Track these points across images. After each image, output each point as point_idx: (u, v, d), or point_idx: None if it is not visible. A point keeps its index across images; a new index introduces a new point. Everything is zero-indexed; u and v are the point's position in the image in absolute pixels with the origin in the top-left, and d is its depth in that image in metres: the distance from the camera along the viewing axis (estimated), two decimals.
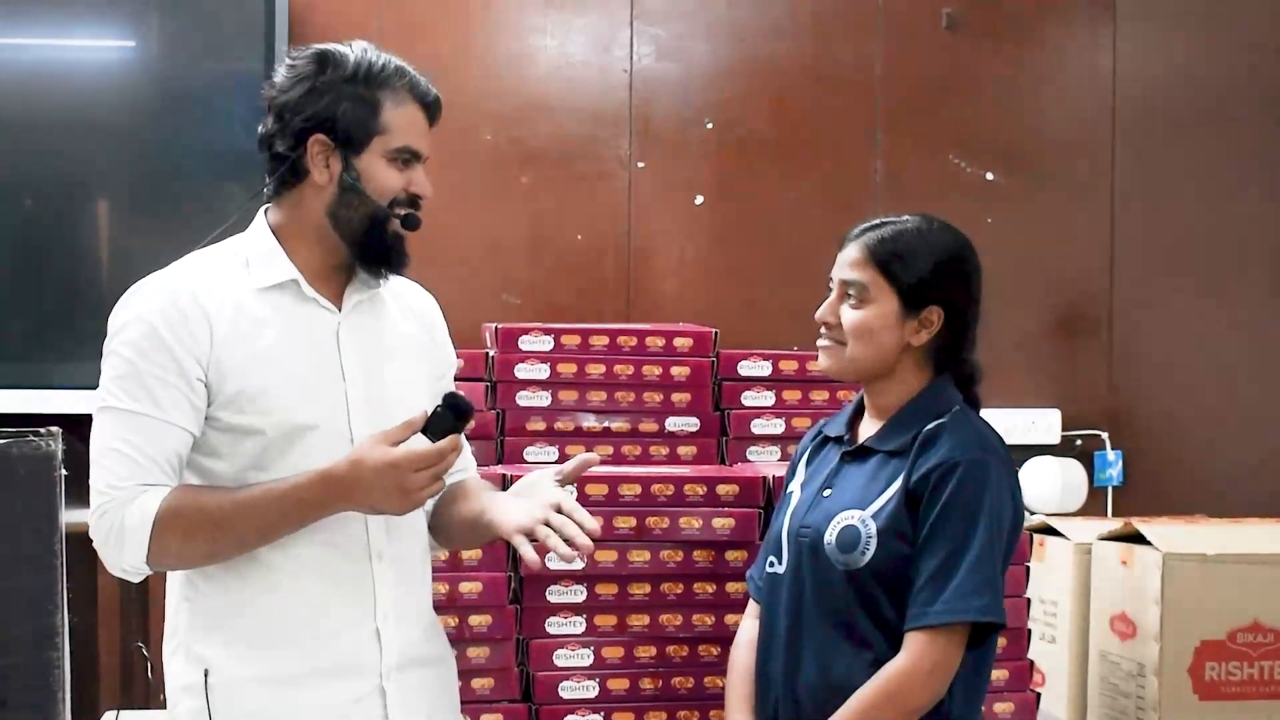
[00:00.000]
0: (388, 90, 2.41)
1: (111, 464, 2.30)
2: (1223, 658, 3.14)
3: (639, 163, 4.54)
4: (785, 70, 4.62)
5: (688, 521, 3.13)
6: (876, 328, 2.59)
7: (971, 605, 2.44)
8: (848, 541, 2.53)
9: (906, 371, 2.62)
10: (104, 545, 2.30)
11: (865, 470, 2.60)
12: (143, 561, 2.29)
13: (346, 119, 2.38)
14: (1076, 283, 4.74)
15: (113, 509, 2.28)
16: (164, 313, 2.32)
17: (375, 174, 2.41)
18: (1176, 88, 4.80)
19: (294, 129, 2.39)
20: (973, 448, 2.51)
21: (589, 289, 4.51)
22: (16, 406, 4.01)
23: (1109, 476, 4.68)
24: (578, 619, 3.12)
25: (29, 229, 4.23)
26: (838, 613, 2.55)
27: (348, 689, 2.39)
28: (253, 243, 2.44)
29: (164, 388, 2.30)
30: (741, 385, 3.50)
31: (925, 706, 2.48)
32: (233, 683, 2.35)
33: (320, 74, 2.40)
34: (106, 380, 2.34)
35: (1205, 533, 3.43)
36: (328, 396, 2.39)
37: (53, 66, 4.28)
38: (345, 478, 2.27)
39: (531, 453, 3.37)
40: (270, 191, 2.45)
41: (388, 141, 2.41)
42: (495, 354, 3.41)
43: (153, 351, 2.31)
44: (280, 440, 2.34)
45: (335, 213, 2.41)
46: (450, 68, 4.40)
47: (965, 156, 4.66)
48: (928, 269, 2.58)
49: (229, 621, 2.36)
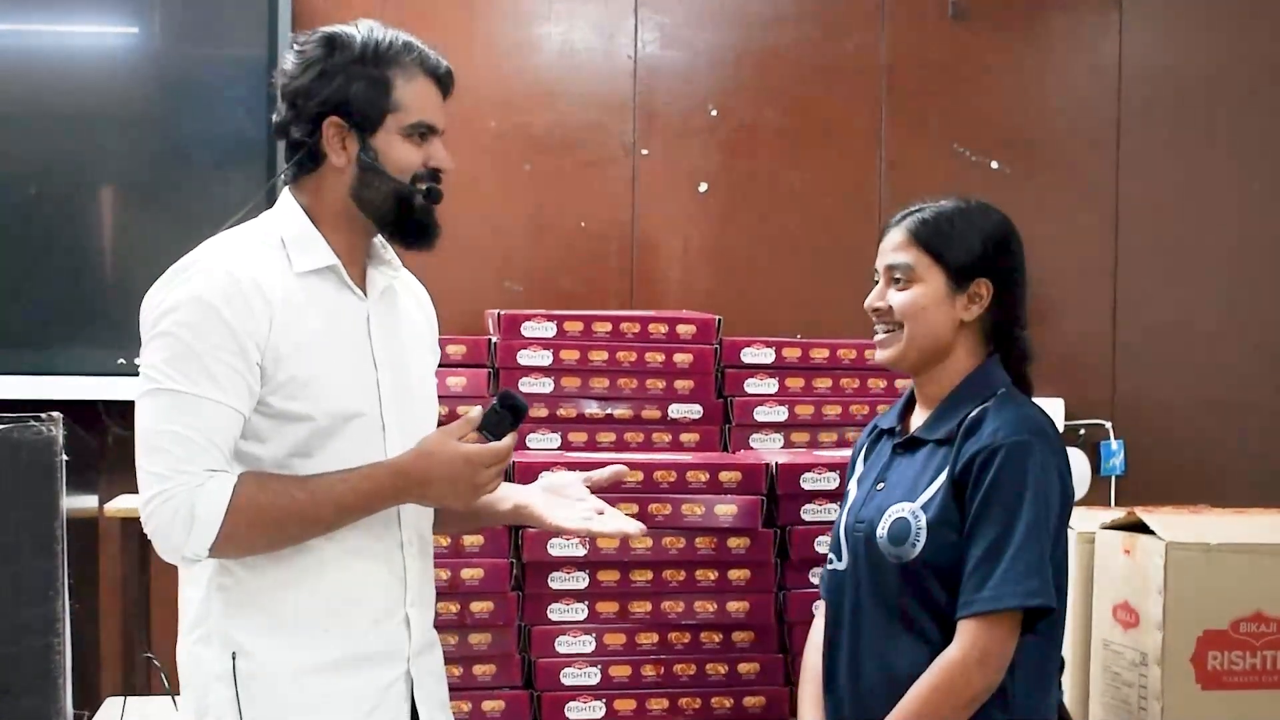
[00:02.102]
0: (397, 67, 2.41)
1: (173, 447, 2.23)
2: (1225, 647, 3.14)
3: (643, 150, 4.54)
4: (790, 58, 4.61)
5: (690, 508, 3.13)
6: (928, 304, 2.59)
7: (1018, 590, 2.42)
8: (899, 534, 2.53)
9: (962, 350, 2.61)
10: (167, 530, 2.23)
11: (915, 461, 2.60)
12: (207, 548, 2.24)
13: (359, 99, 2.37)
14: (1080, 272, 4.73)
15: (181, 493, 2.22)
16: (226, 293, 2.27)
17: (393, 151, 2.40)
18: (1182, 77, 4.79)
19: (308, 114, 2.38)
20: (1015, 430, 2.49)
21: (592, 276, 4.50)
22: (21, 392, 4.02)
23: (1112, 466, 4.68)
24: (580, 605, 3.12)
25: (33, 216, 4.23)
26: (894, 607, 2.55)
27: (381, 676, 2.39)
28: (286, 225, 2.40)
29: (224, 369, 2.26)
30: (744, 372, 3.50)
31: (980, 696, 2.46)
32: (267, 671, 2.33)
33: (329, 57, 2.39)
34: (158, 362, 2.26)
35: (1208, 522, 3.42)
36: (367, 384, 2.39)
37: (56, 53, 4.29)
38: (415, 471, 2.30)
39: (534, 439, 3.37)
40: (290, 177, 2.44)
41: (402, 118, 2.40)
42: (498, 340, 3.41)
43: (213, 333, 2.26)
44: (327, 427, 2.33)
45: (358, 194, 2.40)
46: (454, 55, 4.32)
47: (970, 145, 4.65)
48: (972, 242, 2.59)
49: (271, 607, 2.34)
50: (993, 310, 2.60)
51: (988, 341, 2.63)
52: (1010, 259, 2.63)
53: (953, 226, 2.60)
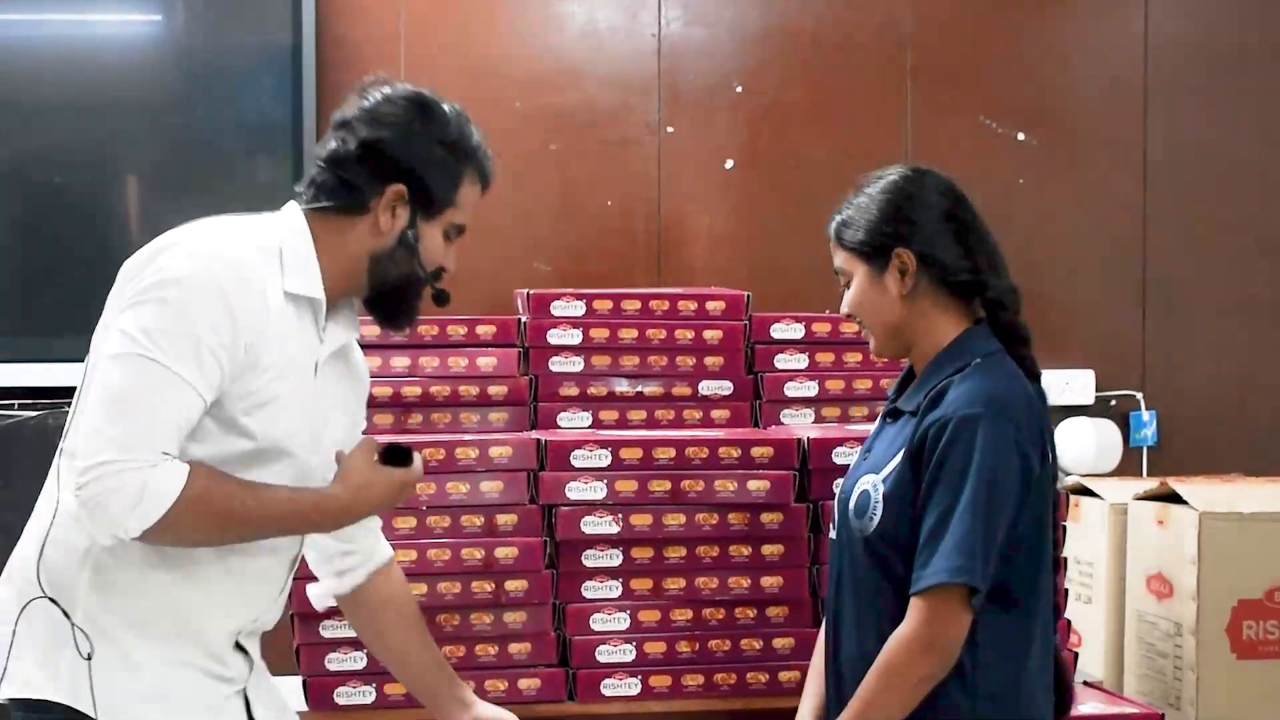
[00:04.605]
0: (469, 166, 2.41)
1: (140, 419, 2.17)
2: (1260, 616, 3.14)
3: (668, 128, 4.53)
4: (814, 33, 4.59)
5: (723, 484, 3.14)
6: (863, 298, 2.57)
7: (944, 568, 2.36)
8: (861, 506, 2.52)
9: (928, 323, 2.55)
10: (107, 499, 2.15)
11: (890, 432, 2.58)
12: (143, 528, 2.17)
13: (432, 182, 2.37)
14: (1110, 242, 4.71)
15: (133, 468, 2.15)
16: (238, 285, 2.23)
17: (431, 241, 2.40)
18: (1209, 45, 4.75)
19: (378, 169, 2.36)
20: (969, 403, 2.42)
21: (620, 255, 4.50)
22: (48, 379, 4.04)
23: (1144, 437, 4.66)
24: (614, 583, 3.12)
25: (58, 204, 4.24)
26: (863, 580, 2.53)
27: (221, 689, 2.39)
28: (289, 239, 2.35)
29: (212, 360, 2.21)
30: (774, 348, 3.50)
31: (931, 674, 2.41)
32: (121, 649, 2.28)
33: (421, 125, 2.37)
34: (151, 327, 2.20)
35: (1241, 492, 3.42)
36: (305, 428, 2.38)
37: (80, 41, 4.29)
38: (356, 508, 2.36)
39: (565, 418, 3.38)
40: (313, 203, 2.39)
41: (454, 215, 2.41)
42: (527, 320, 3.41)
43: (218, 322, 2.21)
44: (262, 453, 2.30)
45: (379, 260, 2.38)
46: (478, 35, 4.39)
47: (996, 117, 4.63)
48: (870, 218, 2.56)
49: (136, 597, 2.29)
50: (933, 272, 2.53)
51: (955, 303, 2.56)
52: (913, 213, 2.54)
53: (858, 211, 2.58)
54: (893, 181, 2.59)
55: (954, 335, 2.55)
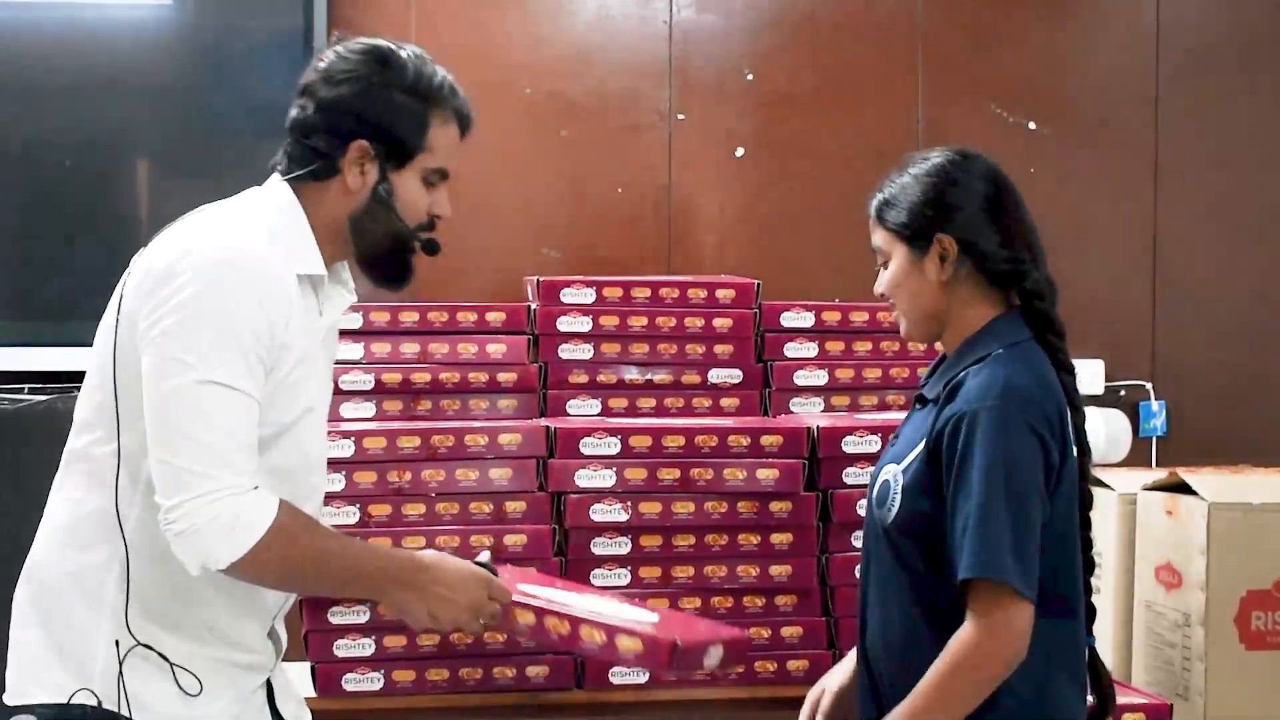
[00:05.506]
0: (438, 107, 2.36)
1: (219, 447, 2.14)
2: (1269, 607, 3.13)
3: (679, 115, 4.53)
4: (825, 20, 4.59)
5: (732, 473, 3.14)
6: (902, 282, 2.52)
7: (971, 563, 2.30)
8: (881, 496, 2.48)
9: (963, 309, 2.50)
10: (201, 531, 2.12)
11: (916, 420, 2.55)
12: (234, 560, 2.14)
13: (395, 131, 2.33)
14: (1120, 232, 4.70)
15: (227, 498, 2.13)
16: (266, 283, 2.21)
17: (408, 192, 2.35)
18: (1221, 34, 4.74)
19: (339, 128, 2.32)
20: (982, 395, 2.37)
21: (630, 242, 4.50)
22: (61, 364, 4.05)
23: (1153, 427, 4.66)
24: (623, 571, 3.13)
25: (69, 188, 4.25)
26: (883, 567, 2.51)
27: (250, 682, 2.39)
28: (285, 221, 2.32)
29: (258, 364, 2.19)
30: (784, 336, 3.49)
31: (997, 675, 2.33)
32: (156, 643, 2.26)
33: (377, 76, 2.32)
34: (200, 347, 2.15)
35: (1251, 482, 3.41)
36: (323, 400, 2.39)
37: (91, 25, 4.29)
38: (430, 567, 2.30)
39: (574, 406, 3.38)
40: (288, 174, 2.36)
41: (428, 160, 2.36)
42: (537, 307, 3.41)
43: (257, 325, 2.18)
44: (278, 434, 2.27)
45: (359, 222, 2.34)
46: (489, 20, 4.39)
47: (1007, 106, 4.62)
48: (913, 201, 2.49)
49: (169, 603, 2.28)
50: (973, 259, 2.48)
51: (993, 293, 2.50)
52: (962, 200, 2.49)
53: (902, 192, 2.51)
54: (939, 164, 2.52)
55: (982, 322, 2.50)
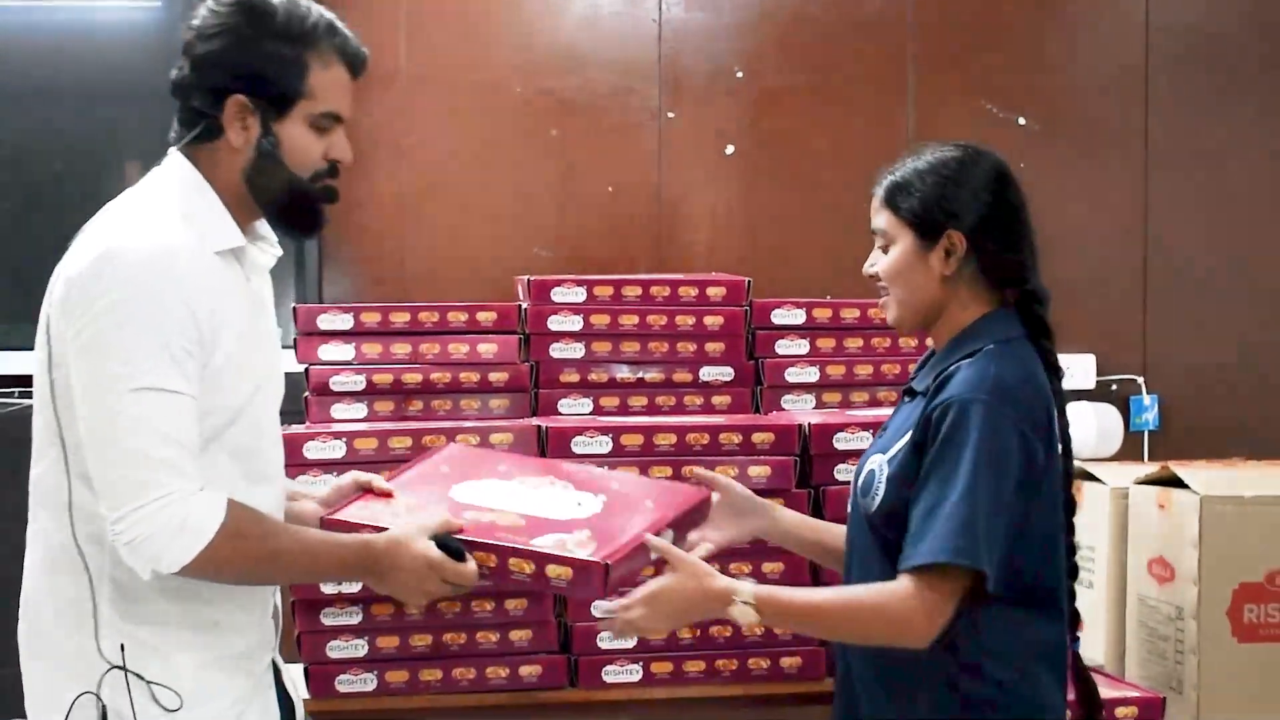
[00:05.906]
0: (315, 50, 2.30)
1: (161, 452, 2.13)
2: (1261, 600, 3.13)
3: (669, 113, 4.53)
4: (816, 17, 4.59)
5: (724, 470, 3.13)
6: (903, 270, 2.50)
7: (945, 547, 2.30)
8: (865, 485, 2.49)
9: (958, 304, 2.50)
10: (149, 540, 2.13)
11: (903, 412, 2.56)
12: (184, 562, 2.14)
13: (270, 81, 2.27)
14: (1110, 226, 4.71)
15: (176, 501, 2.13)
16: (186, 274, 2.18)
17: (295, 141, 2.30)
18: (1210, 29, 4.75)
19: (213, 84, 2.27)
20: (974, 388, 2.37)
21: (621, 240, 4.50)
22: None
23: (1145, 421, 4.66)
24: None
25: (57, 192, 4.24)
26: (866, 556, 2.51)
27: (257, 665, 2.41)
28: (193, 198, 2.29)
29: (186, 358, 2.17)
30: (775, 334, 3.49)
31: (890, 640, 2.36)
32: (160, 657, 2.26)
33: (245, 26, 2.27)
34: (128, 354, 2.14)
35: (1243, 475, 3.42)
36: (270, 365, 2.38)
37: (79, 28, 4.29)
38: (383, 555, 2.29)
39: (566, 405, 3.38)
40: (179, 143, 2.33)
41: (311, 106, 2.30)
42: (528, 306, 3.41)
43: (181, 320, 2.16)
44: (238, 413, 2.27)
45: (252, 179, 2.30)
46: (479, 20, 4.38)
47: (998, 101, 4.63)
48: (932, 193, 2.47)
49: (163, 605, 2.27)
50: (978, 259, 2.48)
51: (991, 292, 2.51)
52: (975, 200, 2.48)
53: (917, 180, 2.49)
54: (958, 159, 2.50)
55: (975, 318, 2.50)
